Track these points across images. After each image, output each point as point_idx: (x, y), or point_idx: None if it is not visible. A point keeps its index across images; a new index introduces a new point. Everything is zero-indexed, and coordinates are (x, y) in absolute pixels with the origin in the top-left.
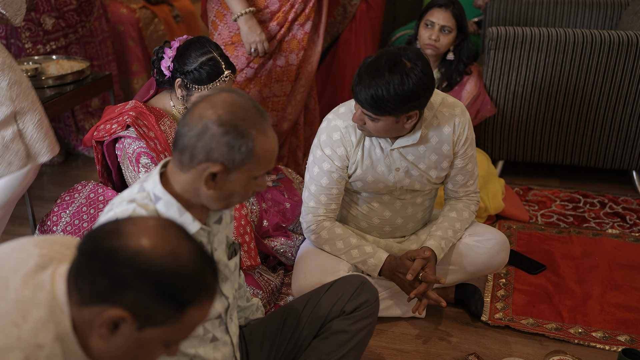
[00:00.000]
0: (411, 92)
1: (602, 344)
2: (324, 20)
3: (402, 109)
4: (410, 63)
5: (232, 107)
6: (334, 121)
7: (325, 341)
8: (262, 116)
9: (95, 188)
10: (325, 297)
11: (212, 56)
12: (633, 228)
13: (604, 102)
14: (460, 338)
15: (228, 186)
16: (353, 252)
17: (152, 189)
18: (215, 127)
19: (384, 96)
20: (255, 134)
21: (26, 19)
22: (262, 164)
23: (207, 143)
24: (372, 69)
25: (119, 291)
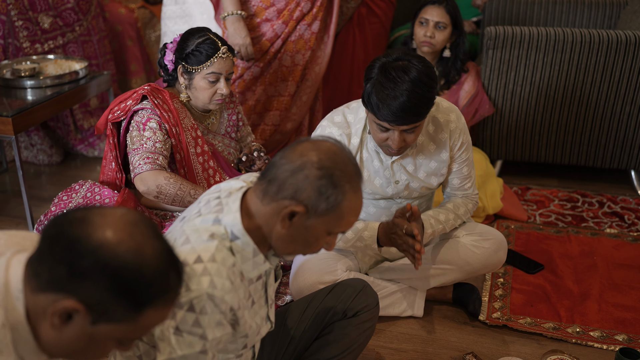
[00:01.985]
0: (431, 75)
1: (599, 343)
2: (334, 21)
3: (433, 98)
4: (404, 61)
5: (335, 156)
6: (329, 128)
7: (326, 343)
8: (359, 175)
9: (92, 187)
10: (326, 300)
11: (208, 36)
12: (631, 227)
13: (602, 102)
14: (458, 337)
15: (302, 232)
16: (348, 234)
17: (231, 227)
18: (313, 169)
19: (420, 91)
20: (348, 189)
21: (24, 18)
22: (343, 220)
23: (299, 182)
24: (388, 83)
25: (76, 282)
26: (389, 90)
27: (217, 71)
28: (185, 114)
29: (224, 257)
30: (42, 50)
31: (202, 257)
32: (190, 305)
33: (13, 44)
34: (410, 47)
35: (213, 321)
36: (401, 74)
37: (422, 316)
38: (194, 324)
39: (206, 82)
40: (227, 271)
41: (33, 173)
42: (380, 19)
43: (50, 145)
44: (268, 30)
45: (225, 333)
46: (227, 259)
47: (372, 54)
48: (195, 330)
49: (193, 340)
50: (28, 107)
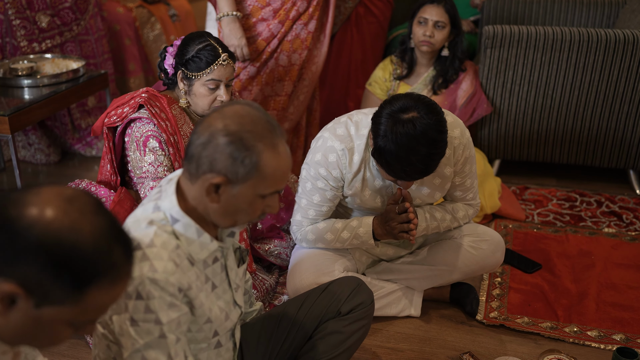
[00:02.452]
0: (443, 130)
1: (597, 342)
2: (330, 20)
3: (445, 151)
4: (413, 112)
5: (241, 118)
6: (331, 141)
7: (321, 341)
8: (274, 131)
9: (89, 187)
10: (321, 298)
11: (208, 42)
12: (629, 227)
13: (600, 101)
14: (455, 337)
15: (232, 201)
16: (343, 234)
17: (169, 211)
18: (220, 136)
19: (435, 155)
20: (262, 148)
21: (21, 17)
22: (268, 181)
23: (211, 153)
24: (402, 151)
25: (12, 264)
26: (398, 151)
27: (217, 78)
28: (184, 120)
29: (164, 241)
30: (39, 49)
31: (141, 243)
32: (137, 293)
33: (10, 42)
34: (408, 46)
35: (164, 304)
36: (410, 132)
37: (419, 316)
38: (145, 311)
39: (206, 89)
40: (168, 254)
41: (31, 172)
42: (378, 18)
43: (47, 145)
44: (264, 29)
45: (182, 314)
46: (169, 242)
47: (370, 53)
48: (149, 317)
49: (149, 326)
50: (25, 106)
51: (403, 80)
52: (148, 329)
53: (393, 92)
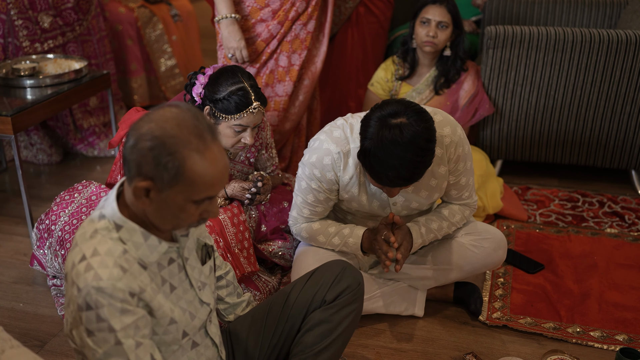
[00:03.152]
0: (431, 139)
1: (600, 343)
2: (329, 20)
3: (432, 159)
4: (402, 117)
5: (166, 122)
6: (327, 144)
7: (308, 333)
8: (202, 136)
9: (98, 191)
10: (306, 288)
11: (243, 86)
12: (632, 227)
13: (602, 101)
14: (458, 337)
15: (164, 206)
16: (334, 240)
17: (112, 217)
18: (144, 141)
19: (419, 162)
20: (186, 154)
21: (24, 18)
22: (197, 187)
23: (137, 157)
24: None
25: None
26: (384, 156)
27: (245, 124)
28: None
29: (108, 248)
30: (41, 49)
31: (85, 254)
32: (86, 304)
33: (13, 43)
34: (410, 46)
35: (114, 310)
36: (397, 137)
37: (422, 316)
38: (97, 320)
39: (232, 131)
40: (114, 260)
41: (32, 172)
42: (379, 18)
43: (49, 145)
44: (263, 30)
45: (138, 317)
46: (114, 249)
47: (370, 53)
48: (102, 325)
49: (104, 335)
50: (27, 107)
51: (405, 80)
52: (104, 338)
53: (395, 92)
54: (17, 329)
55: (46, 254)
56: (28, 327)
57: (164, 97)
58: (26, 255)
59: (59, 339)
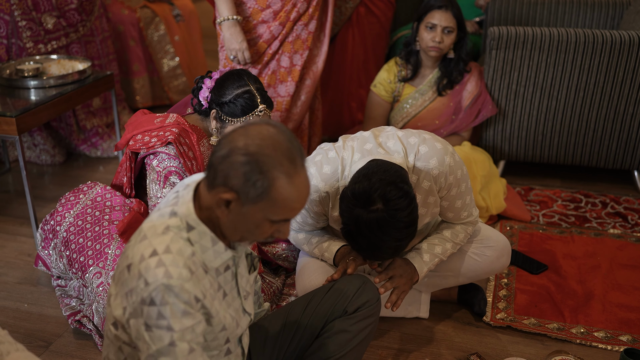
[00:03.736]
0: (413, 223)
1: (604, 344)
2: (330, 19)
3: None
4: (377, 202)
5: (263, 140)
6: (315, 180)
7: (328, 341)
8: (294, 160)
9: (103, 192)
10: (327, 297)
11: (249, 89)
12: (635, 228)
13: (605, 102)
14: (462, 338)
15: (241, 219)
16: (315, 250)
17: (186, 217)
18: (239, 155)
19: (402, 244)
20: (277, 175)
21: (27, 19)
22: (279, 208)
23: (227, 168)
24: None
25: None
26: (366, 245)
27: None
28: None
29: (180, 248)
30: (45, 50)
31: (157, 249)
32: (150, 299)
33: (16, 44)
34: (413, 49)
35: (177, 311)
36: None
37: (427, 317)
38: (158, 317)
39: None
40: (184, 261)
41: (36, 173)
42: (379, 19)
43: (53, 145)
44: (265, 32)
45: (197, 322)
46: (185, 250)
47: (371, 53)
48: (161, 323)
49: (161, 333)
50: (31, 108)
51: (408, 82)
52: (160, 335)
53: (398, 93)
54: (22, 329)
55: (51, 255)
56: (33, 327)
57: (166, 98)
58: (30, 255)
59: (63, 340)
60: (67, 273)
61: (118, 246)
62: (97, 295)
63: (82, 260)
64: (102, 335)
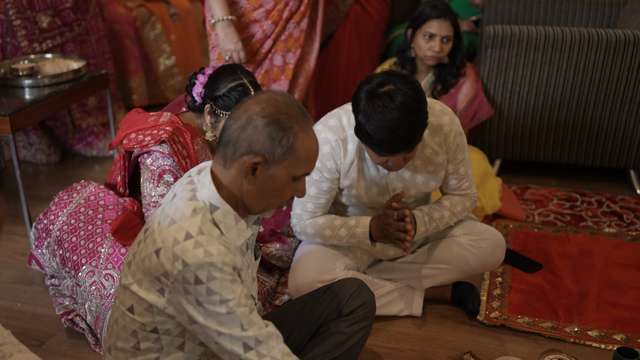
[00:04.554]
0: (422, 100)
1: (597, 342)
2: (320, 17)
3: (426, 122)
4: (389, 85)
5: (276, 102)
6: (324, 133)
7: (322, 342)
8: (305, 116)
9: (96, 191)
10: (322, 299)
11: (242, 82)
12: (630, 227)
13: (601, 101)
14: (456, 337)
15: (268, 182)
16: (341, 232)
17: (209, 199)
18: (259, 118)
19: (413, 122)
20: (297, 130)
21: (22, 17)
22: (302, 161)
23: (250, 134)
24: (379, 116)
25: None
26: (380, 121)
27: None
28: (205, 155)
29: (209, 230)
30: (40, 49)
31: (191, 232)
32: (195, 278)
33: (11, 43)
34: (409, 56)
35: (226, 282)
36: (388, 102)
37: (420, 315)
38: (207, 293)
39: None
40: (216, 239)
41: (31, 172)
42: (374, 17)
43: (48, 145)
44: (257, 31)
45: (244, 287)
46: (213, 231)
47: (366, 52)
48: (213, 298)
49: (215, 307)
50: (26, 107)
51: None
52: (214, 310)
53: None
54: (15, 328)
55: (44, 254)
56: (26, 326)
57: (163, 97)
58: (24, 255)
59: (57, 339)
60: (60, 272)
61: (111, 245)
62: (89, 294)
63: (75, 259)
64: (94, 334)
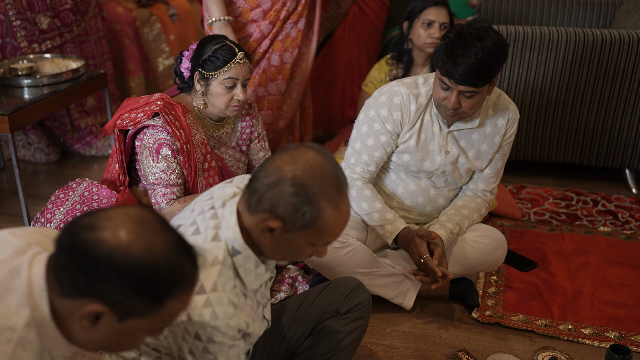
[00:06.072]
0: (504, 49)
1: (591, 340)
2: (317, 17)
3: (498, 70)
4: (480, 30)
5: (312, 170)
6: (397, 86)
7: (319, 340)
8: (340, 189)
9: (90, 187)
10: (320, 297)
11: (225, 43)
12: (625, 226)
13: (597, 101)
14: (451, 334)
15: (284, 243)
16: (374, 215)
17: (232, 242)
18: (287, 185)
19: (488, 60)
20: (325, 206)
21: (22, 18)
22: (324, 235)
23: (275, 197)
24: (461, 43)
25: (96, 286)
26: (459, 49)
27: (234, 76)
28: (197, 129)
29: (224, 283)
30: (39, 50)
31: (205, 286)
32: (196, 334)
33: (11, 43)
34: (405, 48)
35: (224, 347)
36: (475, 40)
37: (410, 309)
38: (204, 351)
39: (223, 87)
40: (228, 297)
41: (30, 171)
42: (370, 18)
43: (47, 144)
44: (255, 31)
45: (240, 349)
46: (228, 284)
47: (364, 51)
48: (207, 357)
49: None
50: (25, 106)
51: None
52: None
53: None
54: None
55: None
56: None
57: None
58: None
59: None
60: None
61: None
62: None
63: None
64: None
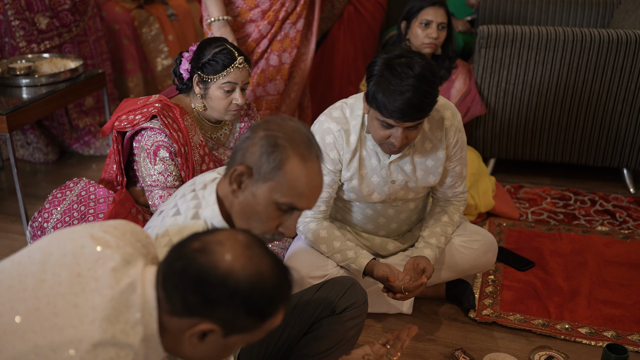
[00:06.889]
0: (433, 68)
1: (588, 339)
2: (316, 17)
3: (437, 92)
4: (407, 57)
5: (283, 122)
6: (327, 123)
7: (315, 339)
8: (310, 147)
9: (87, 186)
10: (316, 296)
11: (225, 46)
12: (622, 225)
13: (595, 100)
14: (447, 334)
15: (250, 199)
16: (336, 255)
17: (211, 220)
18: (260, 131)
19: (424, 87)
20: (292, 153)
21: (21, 18)
22: (286, 189)
23: (247, 145)
24: (394, 79)
25: (210, 308)
26: (395, 86)
27: (233, 81)
28: (195, 131)
29: None
30: (38, 50)
31: None
32: None
33: (9, 43)
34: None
35: None
36: (406, 69)
37: (410, 313)
38: None
39: (222, 92)
40: None
41: (29, 171)
42: (366, 18)
43: (46, 144)
44: (253, 31)
45: None
46: None
47: (360, 51)
48: None
49: None
50: (23, 105)
51: None
52: None
53: None
54: None
55: None
56: None
57: None
58: None
59: None
60: None
61: None
62: None
63: None
64: None
